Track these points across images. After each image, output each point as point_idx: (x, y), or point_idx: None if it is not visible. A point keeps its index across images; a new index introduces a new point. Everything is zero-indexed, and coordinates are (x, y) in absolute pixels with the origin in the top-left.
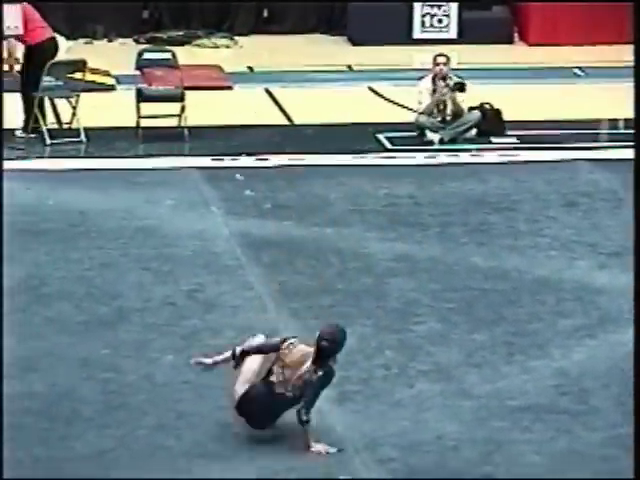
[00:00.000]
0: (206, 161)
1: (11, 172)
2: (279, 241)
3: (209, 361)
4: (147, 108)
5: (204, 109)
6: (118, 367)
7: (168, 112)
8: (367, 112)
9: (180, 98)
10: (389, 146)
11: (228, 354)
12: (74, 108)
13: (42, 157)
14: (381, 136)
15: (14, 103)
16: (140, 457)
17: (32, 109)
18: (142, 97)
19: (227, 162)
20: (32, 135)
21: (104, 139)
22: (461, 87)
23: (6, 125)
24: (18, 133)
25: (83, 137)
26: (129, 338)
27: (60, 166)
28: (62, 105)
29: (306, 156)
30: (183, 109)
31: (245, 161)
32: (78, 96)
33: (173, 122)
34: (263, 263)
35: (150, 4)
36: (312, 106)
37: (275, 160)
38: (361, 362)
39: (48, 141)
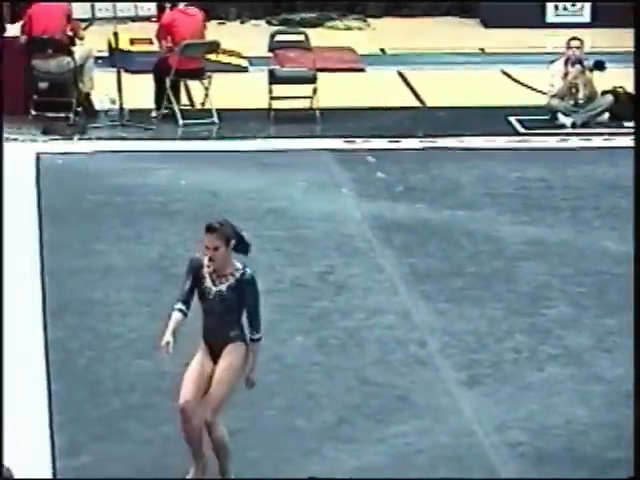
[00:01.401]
0: (338, 143)
1: (144, 153)
2: (410, 224)
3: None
4: (279, 90)
5: (336, 91)
6: None
7: (300, 94)
8: (499, 95)
9: (312, 80)
10: (521, 129)
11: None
12: (206, 89)
13: (175, 138)
14: (513, 119)
15: (148, 83)
16: (270, 438)
17: (164, 90)
18: (274, 79)
19: (359, 144)
20: (164, 115)
21: (236, 120)
22: (601, 66)
23: (139, 105)
24: (153, 114)
25: (215, 118)
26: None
27: (192, 147)
28: (195, 86)
29: (438, 139)
30: (315, 91)
31: (377, 143)
32: (210, 77)
33: (305, 104)
34: (394, 245)
35: None
36: (444, 88)
37: (407, 142)
38: (491, 345)
39: (181, 122)
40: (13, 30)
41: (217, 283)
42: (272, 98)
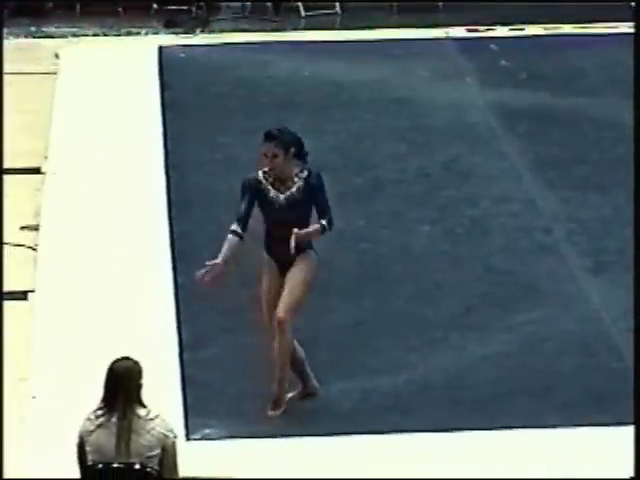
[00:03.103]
0: (461, 31)
1: (266, 44)
2: (534, 111)
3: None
4: None
5: None
6: (374, 238)
7: None
8: None
9: None
10: None
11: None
12: None
13: (297, 29)
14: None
15: None
16: (396, 327)
17: None
18: None
19: (482, 32)
20: (287, 6)
21: (359, 10)
22: None
23: None
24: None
25: (338, 8)
26: (385, 209)
27: (315, 38)
28: None
29: (561, 26)
30: None
31: (500, 31)
32: None
33: None
34: (518, 133)
35: None
36: None
37: (530, 30)
38: (616, 232)
39: (303, 13)
40: None
41: (284, 190)
42: None
